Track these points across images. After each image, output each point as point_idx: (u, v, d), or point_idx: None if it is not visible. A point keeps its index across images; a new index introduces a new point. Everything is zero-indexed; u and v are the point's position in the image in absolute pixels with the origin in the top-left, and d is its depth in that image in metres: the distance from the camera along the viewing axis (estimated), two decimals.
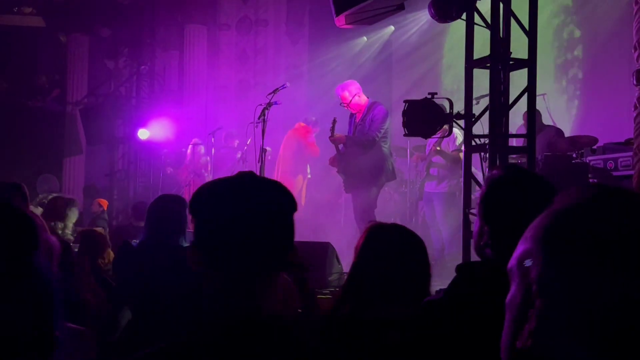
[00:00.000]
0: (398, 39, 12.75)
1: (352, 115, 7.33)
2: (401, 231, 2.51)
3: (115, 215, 13.52)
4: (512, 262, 1.02)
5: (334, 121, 6.91)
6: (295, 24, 13.26)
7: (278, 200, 1.52)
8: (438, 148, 7.94)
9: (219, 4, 13.29)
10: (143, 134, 12.74)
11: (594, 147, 7.89)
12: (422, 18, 11.59)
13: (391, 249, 2.43)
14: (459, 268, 2.17)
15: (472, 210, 2.21)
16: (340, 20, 5.00)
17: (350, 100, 7.06)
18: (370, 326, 2.26)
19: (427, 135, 5.23)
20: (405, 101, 5.00)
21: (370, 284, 2.35)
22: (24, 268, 1.09)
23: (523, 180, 2.11)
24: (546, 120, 8.50)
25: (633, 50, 6.25)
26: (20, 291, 1.07)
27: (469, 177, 5.00)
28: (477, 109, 5.35)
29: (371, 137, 6.84)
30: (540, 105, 6.29)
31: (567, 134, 9.61)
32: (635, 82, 6.23)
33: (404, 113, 4.92)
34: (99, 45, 14.15)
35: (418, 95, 10.72)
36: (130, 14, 13.26)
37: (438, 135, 5.70)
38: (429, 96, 4.93)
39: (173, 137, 12.61)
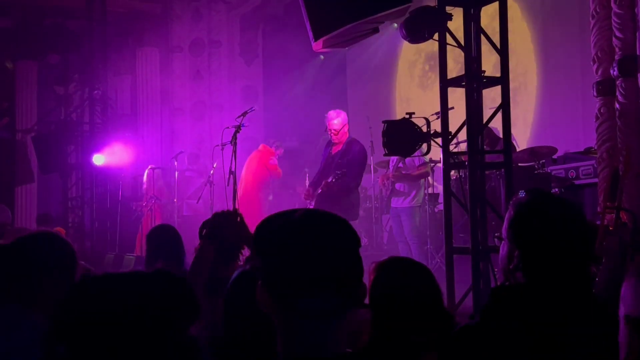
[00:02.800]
0: (353, 57, 12.90)
1: (329, 145, 7.39)
2: (404, 264, 2.58)
3: (72, 243, 13.24)
4: None
5: (344, 173, 6.90)
6: (249, 44, 13.29)
7: (345, 236, 1.51)
8: (402, 171, 8.09)
9: (170, 26, 13.22)
10: (98, 159, 12.54)
11: (554, 156, 8.13)
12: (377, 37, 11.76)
13: (401, 283, 2.49)
14: (492, 293, 2.21)
15: (497, 235, 2.28)
16: (318, 45, 5.06)
17: (340, 130, 7.13)
18: (403, 352, 2.30)
19: (407, 154, 5.31)
20: (384, 122, 5.08)
21: (390, 317, 2.39)
22: (182, 340, 1.07)
23: (551, 204, 2.17)
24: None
25: (592, 63, 6.49)
26: None
27: (448, 194, 5.10)
28: (435, 125, 5.46)
29: (353, 185, 7.00)
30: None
31: (523, 144, 9.88)
32: (595, 93, 6.46)
33: (384, 133, 5.00)
34: (48, 72, 13.90)
35: (374, 111, 10.92)
36: (80, 39, 13.07)
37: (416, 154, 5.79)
38: (407, 116, 5.02)
39: (129, 161, 12.45)
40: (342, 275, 1.47)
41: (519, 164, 7.80)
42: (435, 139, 5.10)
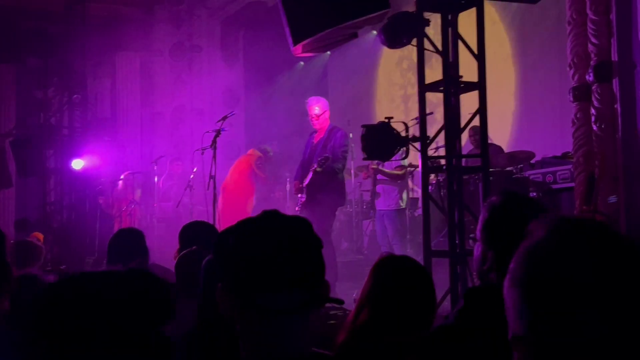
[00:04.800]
0: (335, 62, 12.93)
1: (311, 134, 7.47)
2: (408, 264, 2.56)
3: (50, 248, 13.15)
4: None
5: (327, 158, 6.96)
6: (230, 49, 13.28)
7: (306, 236, 1.54)
8: (374, 166, 8.17)
9: (151, 31, 13.18)
10: (77, 164, 12.48)
11: (532, 161, 8.20)
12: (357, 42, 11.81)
13: (398, 281, 2.48)
14: (466, 294, 2.24)
15: (471, 236, 2.32)
16: (297, 50, 5.09)
17: (320, 115, 7.22)
18: (381, 353, 2.31)
19: (385, 158, 5.35)
20: (363, 126, 5.10)
21: (379, 313, 2.39)
22: (156, 339, 1.08)
23: (523, 205, 2.21)
24: None
25: (568, 69, 6.56)
26: None
27: (427, 198, 5.14)
28: (414, 129, 5.52)
29: (339, 167, 7.09)
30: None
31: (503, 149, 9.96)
32: (572, 99, 6.53)
33: (363, 137, 5.03)
34: (27, 75, 13.80)
35: (355, 116, 10.96)
36: (60, 43, 12.99)
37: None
38: (386, 120, 5.05)
39: (108, 166, 12.41)
40: (304, 270, 1.48)
41: (498, 169, 7.87)
42: (414, 144, 5.14)
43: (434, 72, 5.36)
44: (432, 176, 7.34)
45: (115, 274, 1.11)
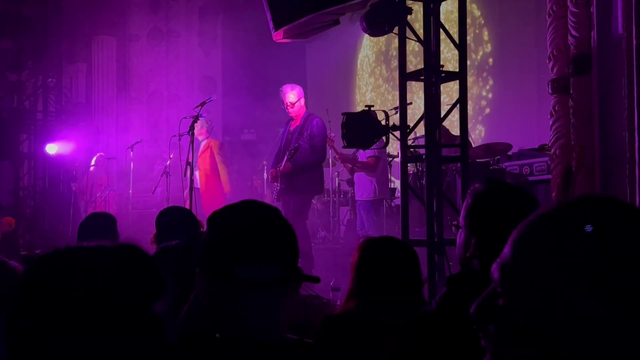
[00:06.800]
0: (313, 50, 12.88)
1: (288, 122, 7.40)
2: (392, 243, 2.58)
3: (22, 233, 13.00)
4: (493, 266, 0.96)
5: (297, 148, 6.91)
6: (208, 35, 13.16)
7: (278, 218, 1.62)
8: (337, 157, 8.31)
9: (128, 15, 13.01)
10: (51, 148, 12.32)
11: (509, 153, 8.24)
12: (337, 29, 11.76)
13: (383, 261, 2.50)
14: (449, 280, 2.24)
15: (454, 223, 2.32)
16: (278, 35, 5.04)
17: (295, 102, 7.14)
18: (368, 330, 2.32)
19: (365, 146, 5.33)
20: (343, 114, 5.08)
21: (367, 294, 2.40)
22: (145, 318, 1.04)
23: (507, 193, 2.20)
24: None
25: (548, 61, 6.58)
26: (137, 345, 1.02)
27: (406, 187, 5.13)
28: (394, 119, 5.52)
29: (318, 158, 7.12)
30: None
31: (478, 140, 10.01)
32: (550, 91, 6.56)
33: (343, 125, 5.01)
34: (0, 58, 13.56)
35: (333, 104, 10.95)
36: (35, 25, 12.78)
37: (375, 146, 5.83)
38: (367, 108, 5.04)
39: (83, 151, 12.27)
40: (277, 244, 1.55)
41: (475, 160, 7.90)
42: (394, 132, 5.13)
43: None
44: (410, 166, 7.35)
45: (106, 248, 1.08)
